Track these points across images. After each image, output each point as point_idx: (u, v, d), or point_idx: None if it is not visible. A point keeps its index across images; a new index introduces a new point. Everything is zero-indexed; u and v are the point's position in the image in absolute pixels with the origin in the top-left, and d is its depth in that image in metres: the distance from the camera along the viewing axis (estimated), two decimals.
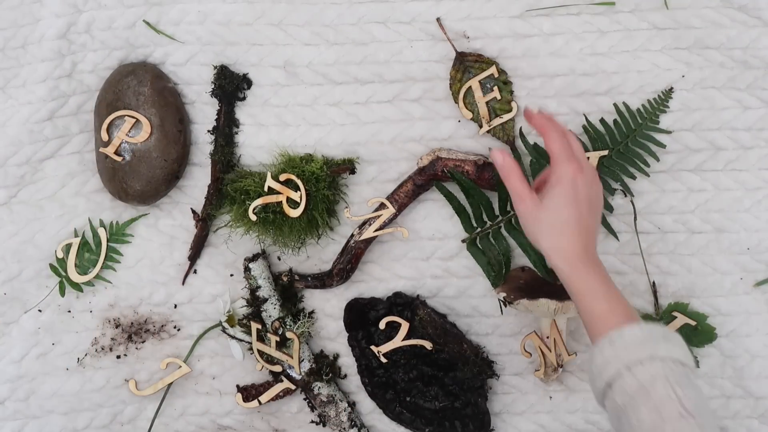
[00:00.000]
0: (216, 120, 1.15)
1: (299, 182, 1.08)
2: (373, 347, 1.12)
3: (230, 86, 1.13)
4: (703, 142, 1.11)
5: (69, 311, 1.16)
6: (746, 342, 1.12)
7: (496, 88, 1.11)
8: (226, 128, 1.14)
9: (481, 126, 1.11)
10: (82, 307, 1.17)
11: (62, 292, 1.16)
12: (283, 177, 1.09)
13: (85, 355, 1.17)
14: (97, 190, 1.16)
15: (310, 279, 1.14)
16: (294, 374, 1.12)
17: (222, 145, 1.14)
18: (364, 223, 1.12)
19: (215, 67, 1.13)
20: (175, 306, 1.17)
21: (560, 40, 1.11)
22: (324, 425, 1.15)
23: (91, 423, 1.17)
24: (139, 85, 1.10)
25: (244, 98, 1.14)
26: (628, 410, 0.80)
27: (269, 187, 1.09)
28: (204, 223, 1.15)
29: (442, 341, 1.12)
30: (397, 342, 1.11)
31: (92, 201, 1.16)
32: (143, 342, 1.17)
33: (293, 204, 1.09)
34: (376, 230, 1.11)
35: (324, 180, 1.10)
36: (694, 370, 0.84)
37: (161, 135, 1.10)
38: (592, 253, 0.92)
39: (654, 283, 1.11)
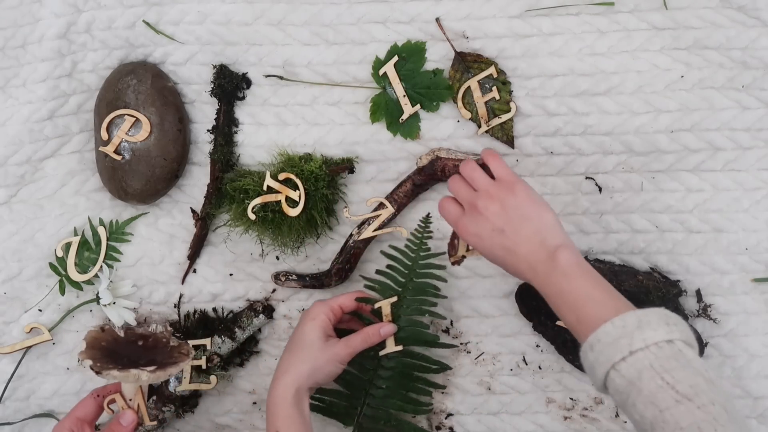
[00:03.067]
0: (215, 119, 1.15)
1: (298, 181, 1.08)
2: (559, 322, 1.08)
3: (230, 86, 1.13)
4: (702, 142, 1.11)
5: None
6: (745, 342, 1.12)
7: (495, 88, 1.11)
8: (225, 127, 1.14)
9: (479, 126, 1.11)
10: (82, 307, 1.17)
11: (62, 291, 1.16)
12: (282, 176, 1.09)
13: None
14: (96, 189, 1.17)
15: (307, 279, 1.14)
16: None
17: (221, 144, 1.14)
18: (363, 223, 1.12)
19: (215, 67, 1.14)
20: (175, 305, 1.17)
21: (559, 40, 1.11)
22: None
23: None
24: (138, 85, 1.10)
25: (243, 98, 1.14)
26: (627, 408, 0.79)
27: (268, 186, 1.09)
28: (203, 222, 1.15)
29: (616, 283, 1.05)
30: None
31: (92, 200, 1.17)
32: None
33: (292, 203, 1.09)
34: (375, 230, 1.11)
35: (323, 179, 1.10)
36: (687, 339, 0.81)
37: (161, 134, 1.10)
38: (540, 254, 0.91)
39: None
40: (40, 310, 1.17)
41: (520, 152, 1.13)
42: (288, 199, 1.09)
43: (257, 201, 1.08)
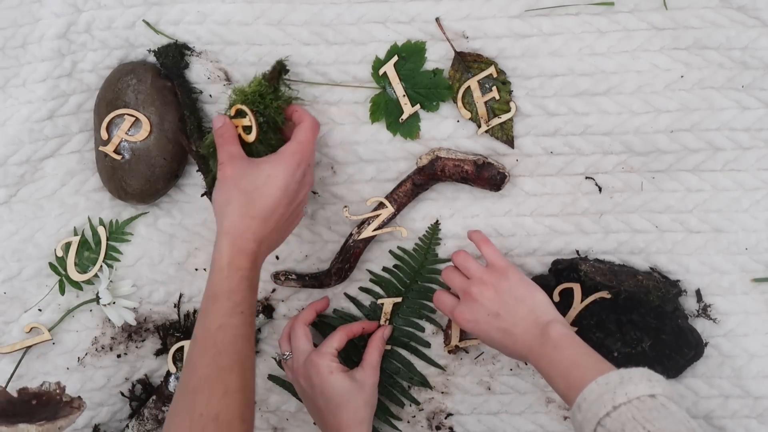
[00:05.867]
0: (177, 97, 1.12)
1: (244, 107, 1.03)
2: None
3: (170, 59, 1.12)
4: (702, 142, 1.11)
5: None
6: (744, 342, 1.12)
7: (494, 88, 1.11)
8: (186, 99, 1.13)
9: (479, 126, 1.11)
10: (82, 306, 1.17)
11: (62, 291, 1.16)
12: (232, 111, 1.04)
13: (86, 354, 1.17)
14: (96, 188, 1.17)
15: (307, 278, 1.14)
16: None
17: (188, 116, 1.12)
18: (362, 223, 1.12)
19: (150, 51, 1.13)
20: (175, 305, 1.17)
21: (559, 40, 1.11)
22: None
23: (90, 422, 1.17)
24: (138, 84, 1.10)
25: (187, 65, 1.13)
26: None
27: None
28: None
29: (615, 283, 1.09)
30: (578, 306, 1.10)
31: (92, 200, 1.17)
32: (143, 341, 1.17)
33: (248, 130, 1.03)
34: (374, 230, 1.11)
35: (268, 93, 1.05)
36: (670, 395, 0.84)
37: (161, 134, 1.10)
38: (534, 332, 0.96)
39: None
40: (40, 310, 1.17)
41: (520, 152, 1.12)
42: (245, 129, 1.03)
43: None
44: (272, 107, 1.05)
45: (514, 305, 0.99)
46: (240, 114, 1.04)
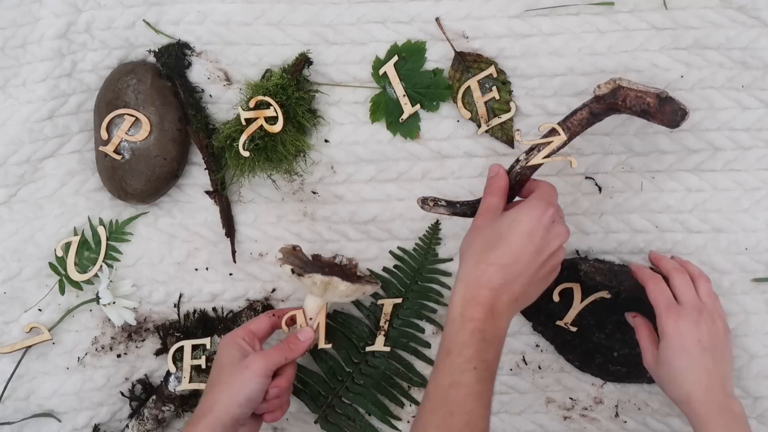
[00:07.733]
0: (178, 96, 1.13)
1: (268, 99, 1.07)
2: (558, 322, 1.11)
3: (172, 59, 1.13)
4: (702, 142, 1.11)
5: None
6: (744, 342, 1.12)
7: (494, 88, 1.11)
8: (190, 98, 1.13)
9: (479, 126, 1.11)
10: (82, 306, 1.17)
11: (62, 291, 1.16)
12: (252, 103, 1.07)
13: (86, 354, 1.17)
14: (96, 188, 1.17)
15: (458, 206, 1.03)
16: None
17: (194, 114, 1.13)
18: (532, 149, 1.01)
19: (150, 51, 1.13)
20: (175, 305, 1.17)
21: (559, 40, 1.11)
22: None
23: (90, 422, 1.17)
24: (138, 84, 1.10)
25: (189, 65, 1.14)
26: None
27: (246, 119, 1.07)
28: (219, 193, 1.14)
29: (615, 283, 1.08)
30: (577, 305, 1.10)
31: (92, 200, 1.17)
32: (143, 340, 1.17)
33: (273, 121, 1.07)
34: (544, 157, 1.00)
35: (290, 85, 1.08)
36: None
37: (160, 134, 1.11)
38: (720, 394, 0.94)
39: None
40: (39, 310, 1.17)
41: (519, 152, 1.12)
42: (269, 120, 1.07)
43: (242, 137, 1.07)
44: (293, 98, 1.07)
45: (721, 353, 0.96)
46: (260, 106, 1.07)
